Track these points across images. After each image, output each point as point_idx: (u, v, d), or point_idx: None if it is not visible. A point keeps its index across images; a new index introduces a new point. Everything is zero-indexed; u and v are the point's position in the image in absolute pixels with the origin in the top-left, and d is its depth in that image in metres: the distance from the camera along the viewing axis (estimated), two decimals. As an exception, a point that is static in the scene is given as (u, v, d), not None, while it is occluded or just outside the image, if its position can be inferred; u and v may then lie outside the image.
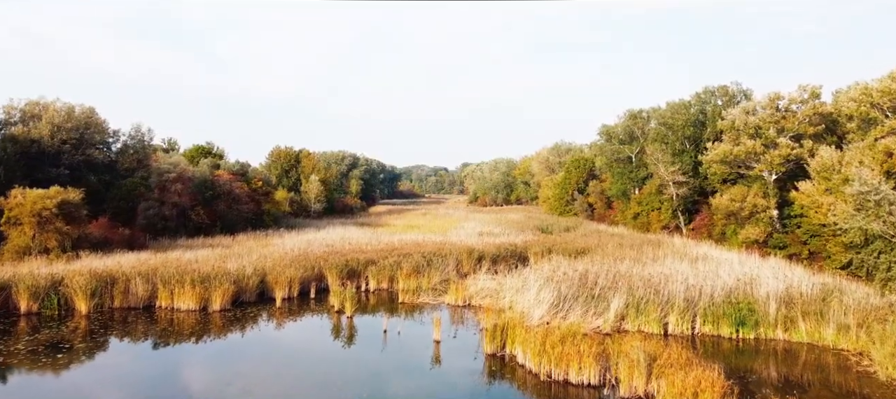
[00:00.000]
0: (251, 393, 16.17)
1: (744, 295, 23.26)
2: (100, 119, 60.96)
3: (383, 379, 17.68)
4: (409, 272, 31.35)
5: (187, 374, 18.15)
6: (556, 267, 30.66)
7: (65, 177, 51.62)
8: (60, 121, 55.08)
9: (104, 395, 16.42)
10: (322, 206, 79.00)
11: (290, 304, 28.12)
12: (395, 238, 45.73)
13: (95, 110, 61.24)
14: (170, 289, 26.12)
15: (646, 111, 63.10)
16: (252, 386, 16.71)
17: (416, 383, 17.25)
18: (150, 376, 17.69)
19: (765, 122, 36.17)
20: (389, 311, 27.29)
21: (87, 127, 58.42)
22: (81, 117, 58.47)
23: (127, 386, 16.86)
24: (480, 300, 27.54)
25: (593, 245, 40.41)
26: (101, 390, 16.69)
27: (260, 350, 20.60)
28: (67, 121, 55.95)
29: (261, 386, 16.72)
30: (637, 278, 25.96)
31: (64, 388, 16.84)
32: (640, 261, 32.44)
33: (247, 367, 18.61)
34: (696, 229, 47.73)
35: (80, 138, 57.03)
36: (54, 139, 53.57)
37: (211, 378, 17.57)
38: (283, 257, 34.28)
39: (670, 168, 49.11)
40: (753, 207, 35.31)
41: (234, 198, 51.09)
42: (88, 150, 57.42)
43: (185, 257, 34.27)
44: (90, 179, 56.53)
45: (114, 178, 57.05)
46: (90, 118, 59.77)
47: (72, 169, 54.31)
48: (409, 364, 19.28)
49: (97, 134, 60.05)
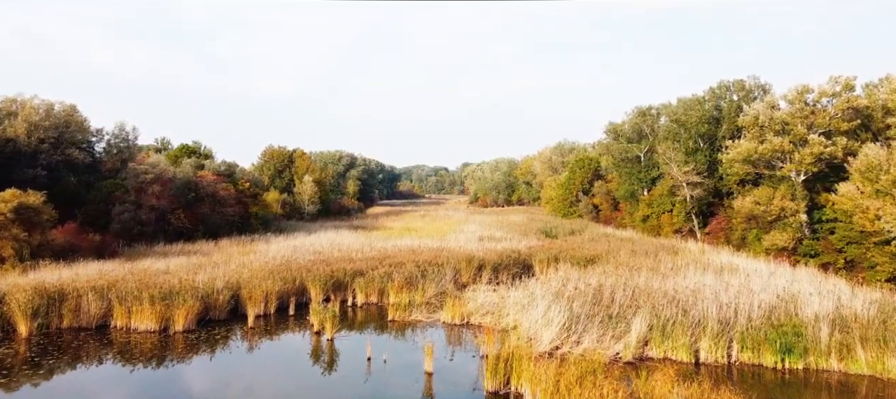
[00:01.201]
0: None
1: (787, 315, 20.02)
2: (81, 117, 57.83)
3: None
4: (400, 285, 28.14)
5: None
6: (566, 278, 27.45)
7: (42, 178, 48.50)
8: (38, 119, 51.98)
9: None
10: (316, 207, 75.80)
11: (266, 322, 24.91)
12: (390, 244, 42.53)
13: (77, 108, 58.06)
14: (127, 306, 22.91)
15: (655, 108, 59.87)
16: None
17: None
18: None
19: (792, 118, 32.88)
20: (377, 329, 24.07)
21: (67, 125, 55.30)
22: (61, 115, 55.32)
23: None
24: (480, 318, 24.33)
25: (603, 252, 37.20)
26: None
27: (218, 381, 17.39)
28: (46, 119, 52.80)
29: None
30: (660, 294, 22.71)
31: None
32: (659, 271, 29.23)
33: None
34: (712, 234, 44.47)
35: (60, 137, 53.89)
36: (31, 138, 50.48)
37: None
38: (264, 266, 31.11)
39: (684, 168, 45.87)
40: (780, 211, 32.05)
41: (219, 200, 47.90)
42: (68, 149, 54.30)
43: (156, 267, 31.13)
44: (70, 180, 53.43)
45: (96, 179, 53.96)
46: (71, 116, 56.64)
47: (50, 169, 51.17)
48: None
49: (78, 133, 56.94)
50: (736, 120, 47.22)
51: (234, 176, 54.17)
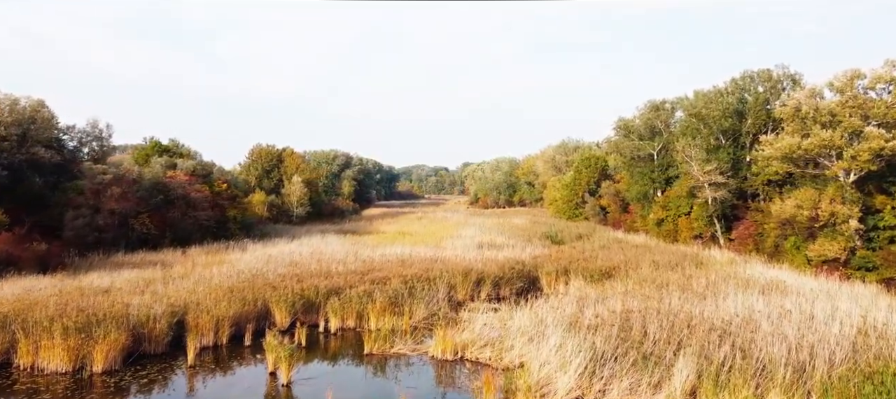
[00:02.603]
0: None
1: (880, 358, 15.34)
2: (48, 113, 53.13)
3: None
4: (383, 307, 23.52)
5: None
6: (581, 299, 22.82)
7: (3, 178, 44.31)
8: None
9: None
10: (306, 210, 71.20)
11: (215, 357, 20.28)
12: (378, 253, 37.89)
13: (45, 103, 53.35)
14: (35, 340, 18.29)
15: (669, 102, 55.20)
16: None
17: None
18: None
19: (842, 107, 28.25)
20: (350, 364, 19.49)
21: (32, 122, 50.92)
22: (27, 111, 50.85)
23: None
24: (477, 352, 19.70)
25: (620, 263, 32.56)
26: None
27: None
28: (8, 114, 48.38)
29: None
30: (703, 324, 18.05)
31: None
32: (691, 288, 24.58)
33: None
34: (739, 240, 39.81)
35: (24, 134, 49.32)
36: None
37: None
38: (226, 282, 26.49)
39: (706, 166, 41.23)
40: (830, 216, 27.41)
41: (190, 203, 43.29)
42: (33, 148, 49.94)
43: (98, 284, 26.56)
44: (34, 181, 49.10)
45: (65, 180, 49.75)
46: (37, 112, 51.93)
47: (11, 170, 46.62)
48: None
49: (45, 130, 52.55)
50: (763, 113, 42.67)
51: (210, 176, 49.54)
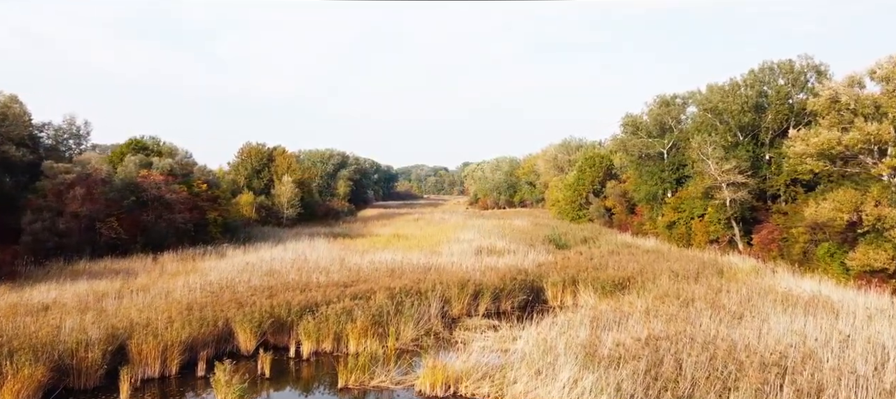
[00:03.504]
0: None
1: None
2: (19, 109, 50.02)
3: None
4: (365, 327, 20.24)
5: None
6: (595, 319, 19.51)
7: (-31, 179, 41.30)
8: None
9: None
10: (296, 211, 67.88)
11: (162, 390, 16.95)
12: (366, 259, 34.58)
13: (17, 98, 50.29)
14: (-67, 375, 14.98)
15: (681, 97, 51.87)
16: None
17: None
18: None
19: (890, 97, 24.97)
20: (320, 405, 16.19)
21: (3, 118, 47.81)
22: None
23: None
24: (474, 387, 16.39)
25: (634, 272, 29.23)
26: None
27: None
28: (-24, 111, 45.40)
29: None
30: (751, 355, 14.72)
31: None
32: (720, 304, 21.25)
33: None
34: (760, 245, 36.48)
35: (-7, 133, 46.48)
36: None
37: None
38: (187, 297, 23.19)
39: (724, 165, 37.92)
40: (876, 220, 24.12)
41: (166, 205, 39.99)
42: (3, 146, 46.84)
43: (43, 298, 23.28)
44: (4, 182, 46.19)
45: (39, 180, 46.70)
46: (7, 108, 48.85)
47: (-23, 169, 43.83)
48: None
49: (16, 127, 49.35)
50: (785, 107, 39.41)
51: (190, 176, 46.23)
